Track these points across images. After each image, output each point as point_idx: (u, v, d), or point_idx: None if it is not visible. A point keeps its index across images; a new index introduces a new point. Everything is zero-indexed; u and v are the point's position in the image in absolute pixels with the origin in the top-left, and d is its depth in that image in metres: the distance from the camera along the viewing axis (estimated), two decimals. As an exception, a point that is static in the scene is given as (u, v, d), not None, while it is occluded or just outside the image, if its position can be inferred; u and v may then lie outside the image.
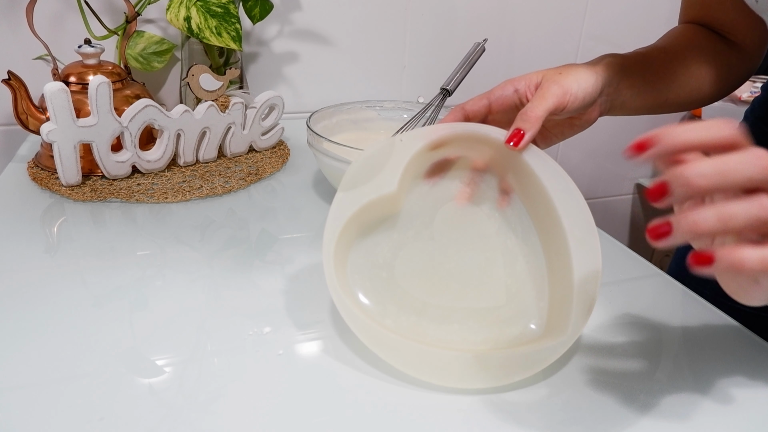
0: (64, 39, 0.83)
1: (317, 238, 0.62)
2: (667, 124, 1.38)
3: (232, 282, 0.53)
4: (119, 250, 0.57)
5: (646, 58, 0.54)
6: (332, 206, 0.44)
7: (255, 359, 0.43)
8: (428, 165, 0.48)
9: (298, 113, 0.99)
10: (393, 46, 1.02)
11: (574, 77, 0.47)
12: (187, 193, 0.68)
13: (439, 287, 0.45)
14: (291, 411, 0.39)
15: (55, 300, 0.48)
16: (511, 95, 0.48)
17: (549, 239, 0.45)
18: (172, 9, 0.70)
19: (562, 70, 0.48)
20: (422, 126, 0.70)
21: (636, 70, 0.52)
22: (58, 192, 0.66)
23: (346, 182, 0.45)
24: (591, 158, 1.27)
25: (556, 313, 0.43)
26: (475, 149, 0.47)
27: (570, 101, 0.46)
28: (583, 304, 0.41)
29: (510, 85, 0.48)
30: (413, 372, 0.41)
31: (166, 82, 0.92)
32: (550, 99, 0.45)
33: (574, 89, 0.47)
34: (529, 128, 0.44)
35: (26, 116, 0.67)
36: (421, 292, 0.45)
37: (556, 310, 0.43)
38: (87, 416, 0.37)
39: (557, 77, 0.47)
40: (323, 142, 0.62)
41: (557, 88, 0.46)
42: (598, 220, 0.45)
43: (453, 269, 0.46)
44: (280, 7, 0.93)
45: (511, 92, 0.48)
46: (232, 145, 0.77)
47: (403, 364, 0.41)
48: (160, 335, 0.45)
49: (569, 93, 0.46)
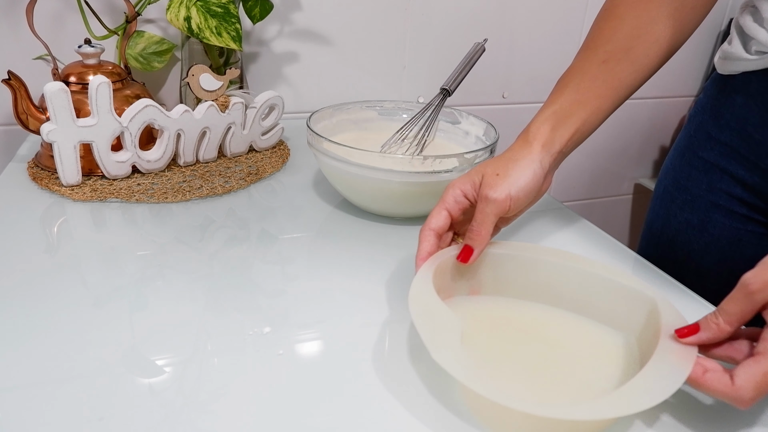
0: (64, 39, 0.83)
1: (317, 238, 0.62)
2: (666, 119, 1.37)
3: (232, 282, 0.53)
4: (119, 250, 0.57)
5: (607, 66, 0.52)
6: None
7: (255, 359, 0.43)
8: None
9: (298, 113, 0.99)
10: (393, 46, 1.02)
11: (514, 179, 0.48)
12: (187, 193, 0.68)
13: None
14: (291, 411, 0.39)
15: (54, 300, 0.48)
16: (463, 200, 0.49)
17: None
18: (172, 9, 0.70)
19: (499, 170, 0.48)
20: (422, 127, 0.70)
21: (592, 99, 0.51)
22: (58, 192, 0.66)
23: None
24: (591, 158, 1.27)
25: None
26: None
27: (513, 205, 0.48)
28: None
29: (458, 189, 0.49)
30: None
31: (166, 82, 0.92)
32: (491, 216, 0.47)
33: (514, 192, 0.47)
34: (477, 245, 0.47)
35: (26, 116, 0.67)
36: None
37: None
38: (87, 416, 0.37)
39: (494, 182, 0.47)
40: (323, 142, 0.62)
41: (493, 205, 0.47)
42: (598, 220, 0.45)
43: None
44: (280, 7, 0.93)
45: (461, 197, 0.49)
46: (232, 145, 0.77)
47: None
48: (160, 335, 0.45)
49: (509, 199, 0.47)
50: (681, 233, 0.64)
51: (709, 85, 0.63)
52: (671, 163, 0.66)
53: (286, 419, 0.38)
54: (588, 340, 0.46)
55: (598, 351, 0.45)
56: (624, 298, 0.46)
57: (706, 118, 0.62)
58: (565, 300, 0.48)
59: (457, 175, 0.60)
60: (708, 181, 0.61)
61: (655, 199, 0.68)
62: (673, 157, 0.66)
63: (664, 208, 0.66)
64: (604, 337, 0.46)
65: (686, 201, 0.63)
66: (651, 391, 0.35)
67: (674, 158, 0.66)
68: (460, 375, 0.36)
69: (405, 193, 0.61)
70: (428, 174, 0.59)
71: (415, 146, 0.69)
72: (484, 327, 0.46)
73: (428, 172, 0.59)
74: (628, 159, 1.31)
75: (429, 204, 0.64)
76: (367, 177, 0.60)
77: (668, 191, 0.66)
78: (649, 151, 1.32)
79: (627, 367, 0.42)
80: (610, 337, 0.46)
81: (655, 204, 0.68)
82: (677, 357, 0.38)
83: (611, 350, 0.44)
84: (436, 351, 0.37)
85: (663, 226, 0.66)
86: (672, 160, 0.66)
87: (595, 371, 0.42)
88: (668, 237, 0.65)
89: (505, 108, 1.14)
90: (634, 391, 0.35)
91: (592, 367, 0.43)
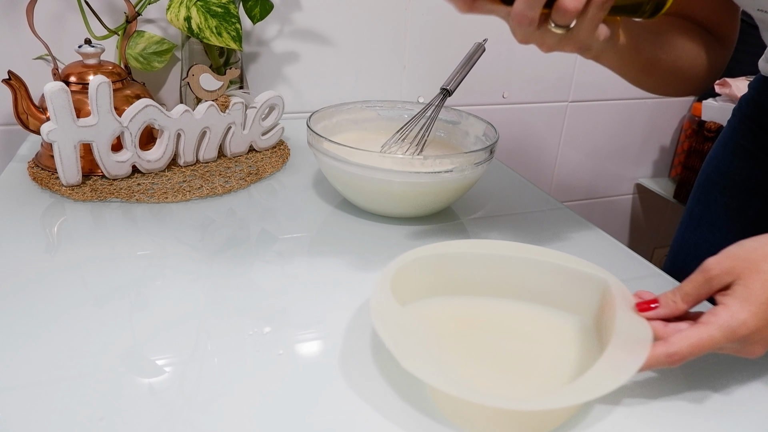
0: (65, 39, 0.83)
1: (317, 238, 0.62)
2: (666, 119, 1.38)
3: (232, 282, 0.53)
4: (119, 250, 0.57)
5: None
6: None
7: (255, 359, 0.43)
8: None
9: (298, 113, 0.99)
10: (393, 46, 1.02)
11: None
12: (187, 193, 0.68)
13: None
14: (291, 411, 0.39)
15: (55, 300, 0.48)
16: None
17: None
18: (172, 9, 0.70)
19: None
20: (422, 127, 0.70)
21: (633, 23, 0.52)
22: (58, 192, 0.66)
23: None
24: (591, 158, 1.27)
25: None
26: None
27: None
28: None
29: None
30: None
31: (166, 82, 0.92)
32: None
33: None
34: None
35: (26, 116, 0.67)
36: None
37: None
38: (87, 416, 0.37)
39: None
40: (323, 142, 0.62)
41: None
42: (598, 220, 0.45)
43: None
44: (280, 7, 0.93)
45: None
46: (232, 145, 0.77)
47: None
48: (160, 335, 0.45)
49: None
50: (721, 216, 0.66)
51: (754, 83, 0.66)
52: (714, 154, 0.69)
53: (286, 419, 0.38)
54: (550, 329, 0.47)
55: (560, 338, 0.46)
56: (578, 283, 0.47)
57: (749, 112, 0.65)
58: (524, 292, 0.49)
59: (457, 175, 0.61)
60: (749, 168, 0.64)
61: (697, 186, 0.71)
62: (716, 148, 0.69)
63: (705, 193, 0.68)
64: (564, 323, 0.47)
65: (726, 186, 0.66)
66: (611, 376, 0.37)
67: (717, 149, 0.69)
68: (433, 380, 0.36)
69: (405, 193, 0.61)
70: (428, 174, 0.59)
71: (415, 146, 0.69)
72: (448, 327, 0.47)
73: (428, 172, 0.59)
74: (628, 159, 1.31)
75: (429, 204, 0.64)
76: (367, 177, 0.60)
77: (710, 178, 0.68)
78: (649, 151, 1.32)
79: (588, 350, 0.44)
80: (569, 322, 0.47)
81: (696, 191, 0.71)
82: (634, 340, 0.39)
83: (572, 335, 0.46)
84: (404, 359, 0.37)
85: (704, 210, 0.68)
86: (715, 150, 0.69)
87: (559, 358, 0.44)
88: (708, 220, 0.67)
89: (505, 108, 1.14)
90: (596, 377, 0.37)
91: (556, 355, 0.44)
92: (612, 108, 1.22)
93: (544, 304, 0.49)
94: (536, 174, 1.24)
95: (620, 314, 0.41)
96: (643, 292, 0.44)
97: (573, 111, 1.20)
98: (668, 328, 0.40)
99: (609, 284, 0.45)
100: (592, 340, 0.45)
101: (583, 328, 0.46)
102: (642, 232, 1.41)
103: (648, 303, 0.42)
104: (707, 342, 0.37)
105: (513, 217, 0.68)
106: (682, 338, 0.38)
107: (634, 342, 0.39)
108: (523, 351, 0.45)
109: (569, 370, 0.43)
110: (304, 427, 0.38)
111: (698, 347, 0.37)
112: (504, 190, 0.76)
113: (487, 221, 0.67)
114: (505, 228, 0.65)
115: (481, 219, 0.67)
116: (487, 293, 0.49)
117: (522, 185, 0.78)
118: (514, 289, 0.49)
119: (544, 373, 0.43)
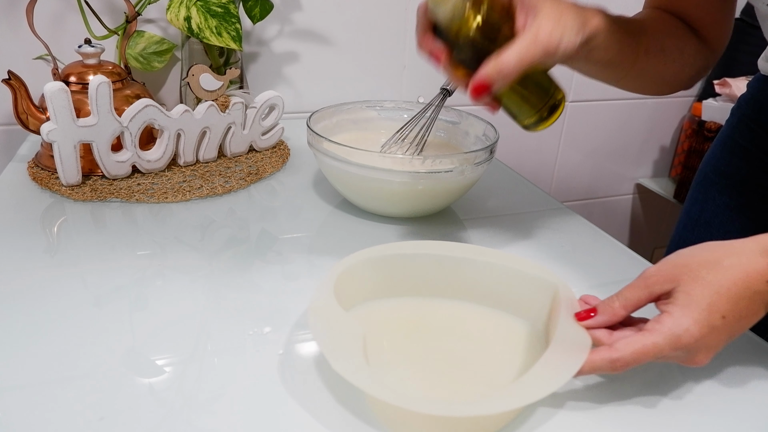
0: (65, 39, 0.83)
1: (317, 238, 0.62)
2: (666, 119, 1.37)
3: (232, 282, 0.53)
4: (119, 250, 0.57)
5: (625, 20, 0.52)
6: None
7: (255, 359, 0.43)
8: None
9: (298, 113, 0.99)
10: (393, 46, 1.02)
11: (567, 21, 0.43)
12: (187, 193, 0.68)
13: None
14: (291, 411, 0.39)
15: (55, 300, 0.48)
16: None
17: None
18: (172, 9, 0.70)
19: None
20: (422, 127, 0.70)
21: (616, 25, 0.49)
22: (58, 192, 0.66)
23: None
24: (591, 158, 1.27)
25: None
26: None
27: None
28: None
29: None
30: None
31: (166, 82, 0.92)
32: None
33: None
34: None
35: (26, 116, 0.67)
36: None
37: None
38: (87, 416, 0.37)
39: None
40: (323, 142, 0.62)
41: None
42: (598, 220, 0.45)
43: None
44: (280, 7, 0.93)
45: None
46: (232, 145, 0.77)
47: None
48: (160, 335, 0.45)
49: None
50: (718, 215, 0.66)
51: (753, 82, 0.66)
52: (712, 153, 0.69)
53: (286, 419, 0.38)
54: (498, 332, 0.46)
55: (508, 342, 0.45)
56: (529, 287, 0.46)
57: (748, 112, 0.64)
58: (475, 294, 0.48)
59: (457, 176, 0.60)
60: (747, 168, 0.63)
61: (695, 186, 0.71)
62: (714, 147, 0.69)
63: (703, 192, 0.68)
64: (513, 327, 0.46)
65: (725, 186, 0.65)
66: (544, 382, 0.36)
67: (715, 148, 0.68)
68: (360, 383, 0.36)
69: (405, 193, 0.61)
70: (428, 174, 0.59)
71: (415, 146, 0.69)
72: (393, 329, 0.46)
73: (428, 172, 0.59)
74: (628, 159, 1.31)
75: (429, 204, 0.64)
76: (367, 177, 0.60)
77: (708, 177, 0.68)
78: (649, 151, 1.32)
79: (535, 355, 0.43)
80: (519, 326, 0.47)
81: (693, 191, 0.70)
82: (572, 347, 0.39)
83: (520, 339, 0.45)
84: (335, 361, 0.37)
85: (701, 209, 0.68)
86: (713, 150, 0.69)
87: (504, 362, 0.43)
88: (705, 220, 0.67)
89: (505, 108, 1.14)
90: (530, 383, 0.36)
91: (502, 359, 0.44)
92: (612, 108, 1.22)
93: (495, 307, 0.48)
94: (536, 174, 1.24)
95: (563, 320, 0.41)
96: (589, 297, 0.43)
97: (573, 111, 1.20)
98: (613, 336, 0.40)
99: (558, 289, 0.44)
100: (541, 345, 0.44)
101: (533, 332, 0.46)
102: (642, 232, 1.41)
103: (587, 312, 0.41)
104: (651, 349, 0.37)
105: (513, 217, 0.68)
106: (626, 345, 0.38)
107: (572, 349, 0.38)
108: (468, 354, 0.44)
109: (512, 375, 0.42)
110: (304, 426, 0.38)
111: (642, 354, 0.37)
112: (504, 190, 0.76)
113: (487, 221, 0.67)
114: (505, 228, 0.65)
115: (481, 219, 0.67)
116: (438, 295, 0.49)
117: (522, 185, 0.78)
118: (465, 291, 0.48)
119: (487, 377, 0.42)
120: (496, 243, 0.62)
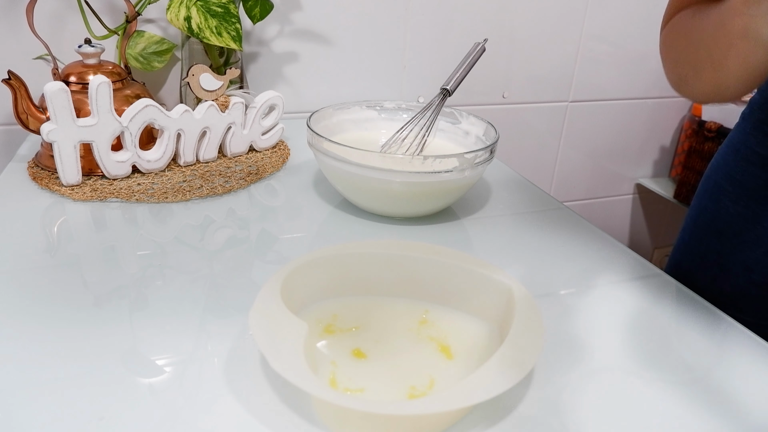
0: (64, 39, 0.83)
1: (317, 238, 0.62)
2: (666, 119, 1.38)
3: (232, 282, 0.53)
4: (119, 250, 0.57)
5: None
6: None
7: (255, 359, 0.43)
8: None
9: (298, 113, 0.99)
10: (393, 46, 1.02)
11: None
12: (187, 193, 0.68)
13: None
14: (291, 410, 0.39)
15: (54, 300, 0.48)
16: None
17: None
18: (172, 9, 0.70)
19: None
20: (422, 127, 0.70)
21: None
22: (58, 192, 0.66)
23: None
24: (591, 158, 1.27)
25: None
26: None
27: None
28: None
29: None
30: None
31: (166, 82, 0.92)
32: None
33: None
34: None
35: (26, 116, 0.67)
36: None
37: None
38: (87, 416, 0.37)
39: None
40: (323, 142, 0.62)
41: None
42: (598, 220, 0.45)
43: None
44: (280, 7, 0.93)
45: None
46: (233, 144, 0.77)
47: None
48: (160, 335, 0.45)
49: None
50: (732, 225, 0.64)
51: (764, 86, 0.64)
52: (723, 159, 0.67)
53: (286, 419, 0.38)
54: (453, 333, 0.46)
55: (462, 343, 0.45)
56: (485, 288, 0.46)
57: (763, 117, 0.62)
58: (433, 294, 0.48)
59: (457, 175, 0.61)
60: (765, 176, 0.61)
61: (704, 193, 0.69)
62: (726, 153, 0.67)
63: (714, 201, 0.66)
64: (469, 328, 0.46)
65: (740, 194, 0.63)
66: (490, 384, 0.35)
67: (727, 154, 0.66)
68: (298, 382, 0.35)
69: (405, 193, 0.61)
70: (428, 174, 0.59)
71: (415, 146, 0.69)
72: (343, 329, 0.45)
73: (428, 172, 0.59)
74: (628, 159, 1.31)
75: (429, 204, 0.64)
76: (367, 177, 0.60)
77: (719, 185, 0.66)
78: (649, 151, 1.32)
79: (488, 357, 0.42)
80: (476, 327, 0.46)
81: (702, 198, 0.69)
82: (520, 350, 0.38)
83: (476, 341, 0.45)
84: (273, 360, 0.36)
85: (712, 218, 0.66)
86: (724, 156, 0.67)
87: (459, 364, 0.43)
88: (717, 228, 0.66)
89: (505, 108, 1.14)
90: (472, 386, 0.35)
91: (455, 360, 0.43)
92: (612, 108, 1.22)
93: (453, 307, 0.47)
94: (536, 174, 1.24)
95: (516, 323, 0.40)
96: None
97: (573, 111, 1.20)
98: None
99: (512, 290, 0.43)
100: (496, 346, 0.43)
101: (490, 334, 0.45)
102: (642, 232, 1.41)
103: None
104: None
105: (513, 217, 0.68)
106: None
107: (518, 357, 0.38)
108: (420, 354, 0.44)
109: (463, 376, 0.41)
110: (304, 426, 0.38)
111: None
112: (504, 190, 0.76)
113: (487, 221, 0.67)
114: (505, 228, 0.66)
115: (481, 219, 0.67)
116: (392, 294, 0.48)
117: (522, 185, 0.78)
118: (422, 291, 0.48)
119: (438, 378, 0.41)
120: (496, 243, 0.62)
